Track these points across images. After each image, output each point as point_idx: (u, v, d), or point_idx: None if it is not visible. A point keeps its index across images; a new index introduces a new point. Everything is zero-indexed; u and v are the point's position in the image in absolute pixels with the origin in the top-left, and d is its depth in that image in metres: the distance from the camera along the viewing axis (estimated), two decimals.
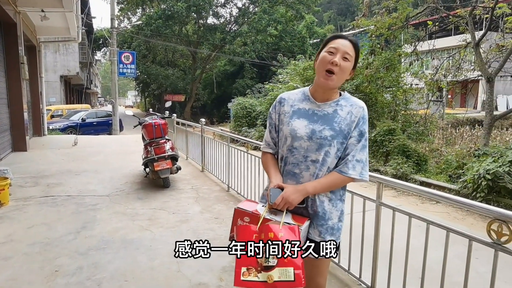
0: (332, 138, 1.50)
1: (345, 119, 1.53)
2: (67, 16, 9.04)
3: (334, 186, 1.54)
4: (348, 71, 1.53)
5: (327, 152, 1.51)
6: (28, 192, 4.70)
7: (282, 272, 1.30)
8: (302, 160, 1.54)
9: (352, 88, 11.18)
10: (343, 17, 69.87)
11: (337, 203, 1.58)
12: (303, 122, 1.55)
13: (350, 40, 1.54)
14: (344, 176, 1.51)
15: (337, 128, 1.51)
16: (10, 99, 7.92)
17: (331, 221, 1.56)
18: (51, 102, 24.14)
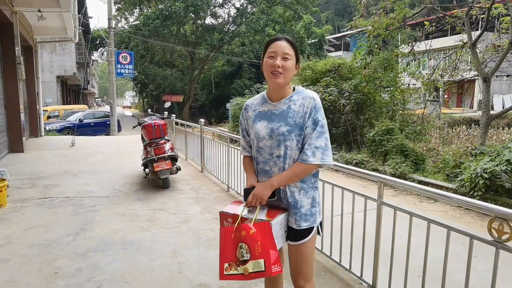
0: (289, 132, 1.62)
1: (298, 112, 1.64)
2: (64, 16, 9.00)
3: (298, 175, 1.64)
4: (291, 68, 1.65)
5: (288, 146, 1.63)
6: (25, 193, 4.67)
7: (255, 264, 1.51)
8: (269, 157, 1.68)
9: (351, 88, 11.20)
10: (341, 18, 70.03)
11: (308, 191, 1.68)
12: (264, 123, 1.69)
13: (286, 39, 1.67)
14: (306, 164, 1.61)
15: (292, 122, 1.63)
16: (6, 100, 7.88)
17: (303, 208, 1.66)
18: (48, 102, 24.02)
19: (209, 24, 27.96)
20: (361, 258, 2.58)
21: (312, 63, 13.04)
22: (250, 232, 1.54)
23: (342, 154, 9.91)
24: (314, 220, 1.69)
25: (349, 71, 12.33)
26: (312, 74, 12.38)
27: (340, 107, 11.32)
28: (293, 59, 1.66)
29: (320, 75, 12.28)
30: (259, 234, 1.54)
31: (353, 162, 9.17)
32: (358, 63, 12.15)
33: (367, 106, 11.60)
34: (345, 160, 9.37)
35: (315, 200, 1.70)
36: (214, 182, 5.52)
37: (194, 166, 6.75)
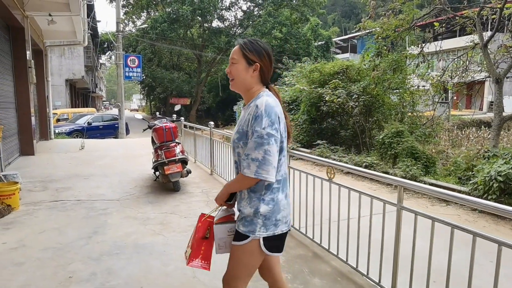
0: (238, 140, 1.62)
1: (246, 120, 1.61)
2: (74, 20, 9.08)
3: (239, 185, 1.63)
4: (239, 71, 1.63)
5: (238, 154, 1.63)
6: (37, 196, 4.69)
7: (187, 251, 1.78)
8: (233, 162, 1.75)
9: (359, 90, 11.12)
10: (347, 19, 69.88)
11: (253, 201, 1.61)
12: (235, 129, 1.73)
13: (239, 43, 1.66)
14: (243, 176, 1.57)
15: (241, 130, 1.62)
16: (18, 103, 7.95)
17: (244, 214, 1.63)
18: (57, 106, 24.26)
19: (216, 27, 28.06)
20: (379, 263, 2.52)
21: (320, 65, 12.98)
22: (198, 224, 1.76)
23: (351, 157, 9.82)
24: (252, 230, 1.60)
25: (357, 73, 12.24)
26: (320, 76, 12.31)
27: (348, 109, 11.24)
28: (241, 61, 1.63)
29: (328, 77, 12.20)
30: (201, 228, 1.73)
31: (362, 164, 9.09)
32: (366, 65, 12.07)
33: (376, 108, 11.50)
34: (355, 163, 9.27)
35: (258, 211, 1.60)
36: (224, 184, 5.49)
37: (203, 169, 6.73)
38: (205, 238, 1.76)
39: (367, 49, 12.50)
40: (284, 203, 1.66)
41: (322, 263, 2.98)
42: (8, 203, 3.97)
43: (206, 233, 1.76)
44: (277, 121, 1.56)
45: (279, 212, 1.63)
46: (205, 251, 1.74)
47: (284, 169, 1.68)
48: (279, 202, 1.63)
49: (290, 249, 3.21)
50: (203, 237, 1.76)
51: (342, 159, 9.71)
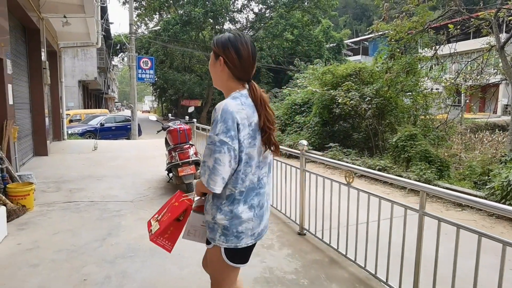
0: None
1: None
2: (88, 22, 9.17)
3: (200, 188, 1.55)
4: (211, 67, 1.59)
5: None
6: (51, 197, 4.71)
7: (155, 225, 1.71)
8: None
9: (372, 92, 11.00)
10: (359, 22, 69.45)
11: (213, 207, 1.54)
12: None
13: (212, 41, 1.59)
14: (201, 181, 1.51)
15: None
16: (32, 104, 8.04)
17: (208, 217, 1.57)
18: (69, 106, 24.56)
19: (227, 29, 28.14)
20: (399, 270, 2.44)
21: (332, 67, 12.88)
22: (175, 203, 1.73)
23: (364, 160, 9.70)
24: (213, 237, 1.55)
25: (370, 76, 12.13)
26: (333, 78, 12.22)
27: (361, 111, 11.13)
28: (211, 57, 1.59)
29: (341, 79, 12.11)
30: (176, 208, 1.69)
31: (376, 168, 8.96)
32: (379, 67, 11.95)
33: (388, 111, 11.37)
34: (368, 166, 9.16)
35: (215, 219, 1.52)
36: None
37: None
38: (178, 220, 1.70)
39: (380, 52, 12.35)
40: (248, 215, 1.53)
41: (339, 268, 2.91)
42: (23, 204, 3.99)
43: (180, 215, 1.70)
44: (234, 127, 1.43)
45: (240, 225, 1.52)
46: (172, 232, 1.68)
47: (251, 179, 1.53)
48: (238, 214, 1.51)
49: (306, 254, 3.15)
50: (176, 219, 1.69)
51: (355, 162, 9.59)
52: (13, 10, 6.62)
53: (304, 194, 3.49)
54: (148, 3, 27.10)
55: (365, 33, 56.74)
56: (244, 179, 1.50)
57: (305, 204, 3.55)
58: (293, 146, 12.01)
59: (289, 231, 3.67)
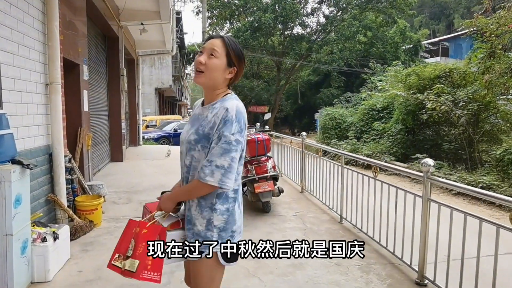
0: (195, 142, 1.49)
1: (209, 122, 1.48)
2: (164, 28, 9.15)
3: (194, 193, 1.49)
4: (216, 68, 1.49)
5: (193, 157, 1.50)
6: (120, 210, 4.41)
7: (131, 263, 1.47)
8: (182, 164, 1.59)
9: (468, 96, 9.52)
10: (437, 21, 64.29)
11: (204, 210, 1.49)
12: (187, 127, 1.59)
13: (220, 37, 1.53)
14: (202, 183, 1.43)
15: (200, 132, 1.49)
16: (110, 110, 8.14)
17: (196, 227, 1.50)
18: (146, 113, 25.85)
19: (297, 34, 27.60)
20: None
21: (418, 68, 11.55)
22: (142, 231, 1.51)
23: (461, 175, 8.29)
24: (206, 247, 1.47)
25: (462, 77, 10.61)
26: (419, 80, 10.90)
27: (453, 118, 9.69)
28: (222, 58, 1.50)
29: (428, 82, 10.77)
30: (149, 236, 1.49)
31: (478, 185, 7.57)
32: (474, 67, 10.41)
33: (484, 118, 9.77)
34: (467, 183, 7.78)
35: (210, 222, 1.48)
36: (320, 207, 4.69)
37: (291, 185, 6.01)
38: None
39: (476, 50, 10.73)
40: (239, 213, 1.56)
41: None
42: (91, 219, 3.69)
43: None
44: (245, 128, 1.49)
45: (234, 223, 1.53)
46: (154, 261, 1.47)
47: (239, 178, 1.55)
48: (234, 213, 1.53)
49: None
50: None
51: (449, 177, 8.27)
52: (94, 18, 6.69)
53: (428, 230, 2.62)
54: (219, 12, 27.66)
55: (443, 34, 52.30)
56: (237, 177, 1.52)
57: (428, 243, 2.66)
58: (372, 155, 10.90)
59: (403, 278, 2.80)
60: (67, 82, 4.24)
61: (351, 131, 14.18)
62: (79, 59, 4.59)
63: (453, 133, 10.53)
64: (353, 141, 12.86)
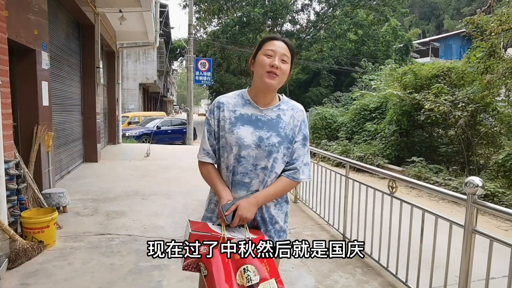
0: (279, 144, 1.50)
1: (288, 123, 1.54)
2: (145, 18, 8.41)
3: (284, 192, 1.55)
4: (287, 73, 1.53)
5: (275, 159, 1.51)
6: (83, 224, 3.71)
7: (266, 285, 1.31)
8: (252, 168, 1.51)
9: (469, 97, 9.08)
10: (427, 21, 64.72)
11: (282, 205, 1.59)
12: (249, 129, 1.51)
13: (285, 41, 1.53)
14: (295, 181, 1.55)
15: (282, 133, 1.51)
16: (84, 105, 7.38)
17: (277, 224, 1.57)
18: (130, 109, 24.93)
19: (287, 31, 27.05)
20: None
21: (415, 66, 11.08)
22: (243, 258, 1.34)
23: (463, 181, 7.76)
24: (286, 236, 1.60)
25: (460, 77, 10.19)
26: (416, 80, 10.42)
27: (451, 120, 9.25)
28: (289, 64, 1.53)
29: (425, 81, 10.31)
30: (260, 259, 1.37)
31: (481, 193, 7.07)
32: (473, 67, 10.01)
33: (481, 120, 9.37)
34: None
35: (287, 215, 1.63)
36: (317, 222, 4.08)
37: None
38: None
39: (475, 48, 10.32)
40: None
41: None
42: (40, 239, 2.99)
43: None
44: None
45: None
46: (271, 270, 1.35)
47: None
48: None
49: None
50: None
51: (449, 183, 7.80)
52: (64, 2, 5.94)
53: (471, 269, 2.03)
54: (207, 6, 26.89)
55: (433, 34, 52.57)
56: None
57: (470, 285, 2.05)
58: (364, 158, 10.40)
59: None
60: (18, 70, 3.54)
61: (342, 132, 13.68)
62: (36, 43, 3.86)
63: (449, 135, 10.10)
64: (344, 142, 12.35)
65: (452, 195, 2.32)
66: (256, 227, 1.53)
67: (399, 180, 2.68)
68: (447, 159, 9.75)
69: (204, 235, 1.37)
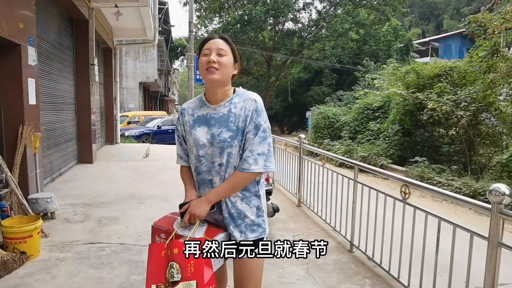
0: (231, 139, 1.49)
1: (239, 116, 1.52)
2: (143, 13, 8.14)
3: (239, 186, 1.51)
4: (228, 64, 1.52)
5: (230, 154, 1.50)
6: (72, 232, 3.45)
7: (186, 286, 1.33)
8: (211, 166, 1.53)
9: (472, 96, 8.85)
10: (426, 22, 64.37)
11: (251, 199, 1.55)
12: (203, 129, 1.55)
13: (221, 37, 1.57)
14: (247, 173, 1.49)
15: (233, 127, 1.50)
16: (78, 104, 7.13)
17: (247, 218, 1.53)
18: (130, 108, 24.67)
19: (288, 29, 26.80)
20: None
21: (417, 65, 10.86)
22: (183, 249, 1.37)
23: (466, 181, 7.54)
24: (262, 231, 1.55)
25: (462, 76, 9.99)
26: (418, 79, 10.20)
27: (454, 119, 9.04)
28: (229, 55, 1.54)
29: (427, 80, 10.11)
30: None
31: (486, 193, 6.83)
32: (475, 66, 9.80)
33: (484, 119, 9.15)
34: (473, 190, 7.08)
35: (260, 209, 1.56)
36: (322, 227, 3.83)
37: (286, 196, 5.13)
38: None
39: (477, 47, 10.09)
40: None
41: None
42: (23, 249, 2.74)
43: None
44: None
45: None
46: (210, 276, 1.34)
47: None
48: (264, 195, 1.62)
49: None
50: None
51: (452, 184, 7.57)
52: None
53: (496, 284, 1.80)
54: (208, 5, 26.63)
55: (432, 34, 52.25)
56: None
57: None
58: (368, 158, 10.17)
59: None
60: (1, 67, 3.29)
61: (345, 131, 13.46)
62: (21, 37, 3.60)
63: (450, 135, 9.90)
64: (347, 141, 12.11)
65: (476, 203, 2.08)
66: (222, 223, 1.54)
67: (413, 186, 2.43)
68: (449, 158, 9.56)
69: (160, 229, 1.49)
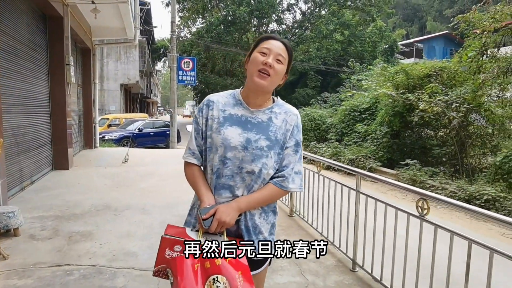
0: (268, 148, 1.40)
1: (280, 127, 1.44)
2: (122, 11, 7.70)
3: (270, 200, 1.44)
4: (281, 74, 1.44)
5: (264, 164, 1.39)
6: (36, 252, 3.02)
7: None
8: (237, 171, 1.40)
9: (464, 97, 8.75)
10: (410, 23, 65.51)
11: (268, 215, 1.46)
12: (237, 130, 1.41)
13: (283, 42, 1.45)
14: (283, 190, 1.44)
15: (272, 137, 1.42)
16: (52, 107, 6.64)
17: (261, 235, 1.43)
18: (111, 110, 23.97)
19: (272, 30, 26.63)
20: None
21: (407, 66, 10.75)
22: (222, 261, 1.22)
23: (460, 185, 7.38)
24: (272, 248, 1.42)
25: (452, 77, 9.92)
26: (408, 79, 10.07)
27: (445, 121, 8.92)
28: (285, 65, 1.43)
29: (417, 81, 9.99)
30: (236, 262, 1.24)
31: (482, 198, 6.70)
32: (465, 66, 9.75)
33: (474, 120, 9.08)
34: (469, 194, 6.90)
35: (274, 226, 1.48)
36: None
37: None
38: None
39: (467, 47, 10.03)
40: None
41: None
42: None
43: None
44: None
45: None
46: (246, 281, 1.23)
47: None
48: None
49: None
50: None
51: (446, 187, 7.40)
52: None
53: None
54: (191, 5, 26.21)
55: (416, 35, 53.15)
56: None
57: None
58: (355, 161, 9.97)
59: None
60: None
61: (331, 133, 13.28)
62: None
63: (439, 136, 9.81)
64: (334, 144, 11.91)
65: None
66: (240, 236, 1.40)
67: (431, 199, 2.12)
68: (438, 160, 9.44)
69: (176, 240, 1.29)
